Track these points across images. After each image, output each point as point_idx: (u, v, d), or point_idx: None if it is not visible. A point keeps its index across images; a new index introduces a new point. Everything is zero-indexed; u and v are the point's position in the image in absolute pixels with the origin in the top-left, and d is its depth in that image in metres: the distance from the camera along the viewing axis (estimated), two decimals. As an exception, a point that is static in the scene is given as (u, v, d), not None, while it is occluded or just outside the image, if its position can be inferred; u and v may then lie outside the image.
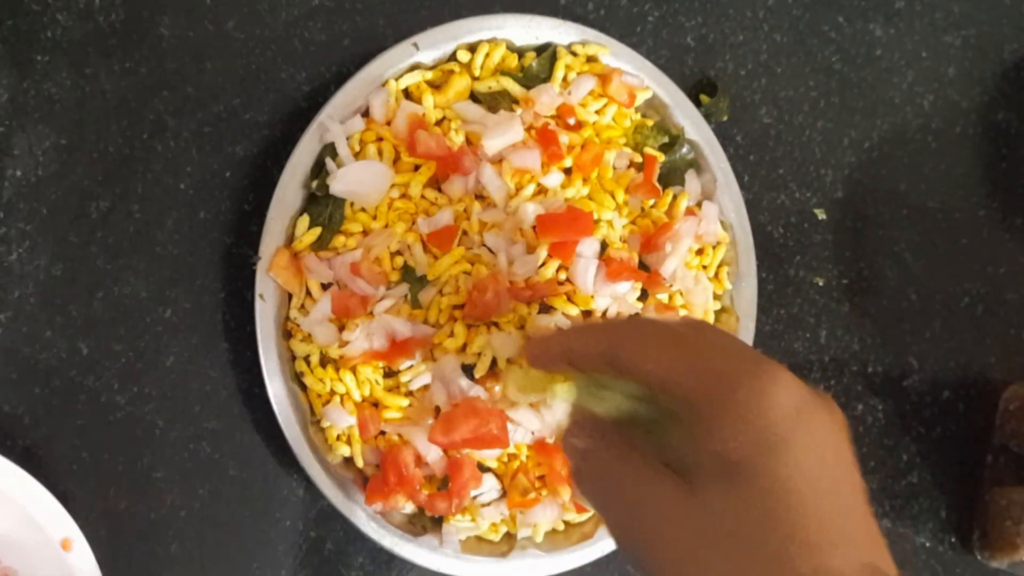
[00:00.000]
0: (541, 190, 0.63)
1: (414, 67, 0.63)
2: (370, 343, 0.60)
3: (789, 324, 0.75)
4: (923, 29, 0.78)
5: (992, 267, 0.79)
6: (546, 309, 0.63)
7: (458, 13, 0.65)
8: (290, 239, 0.61)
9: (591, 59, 0.66)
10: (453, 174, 0.62)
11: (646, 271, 0.65)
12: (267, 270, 0.60)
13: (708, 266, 0.69)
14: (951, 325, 0.78)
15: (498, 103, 0.64)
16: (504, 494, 0.64)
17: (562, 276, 0.63)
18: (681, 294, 0.67)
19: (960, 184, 0.79)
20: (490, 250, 0.62)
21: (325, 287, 0.61)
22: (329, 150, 0.62)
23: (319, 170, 0.62)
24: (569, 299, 0.63)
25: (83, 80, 0.62)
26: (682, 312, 0.67)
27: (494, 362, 0.61)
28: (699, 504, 0.41)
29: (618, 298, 0.64)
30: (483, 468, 0.63)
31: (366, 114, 0.63)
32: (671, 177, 0.68)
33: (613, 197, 0.65)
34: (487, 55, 0.64)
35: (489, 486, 0.64)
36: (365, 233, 0.61)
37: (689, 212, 0.67)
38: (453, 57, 0.64)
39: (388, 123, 0.63)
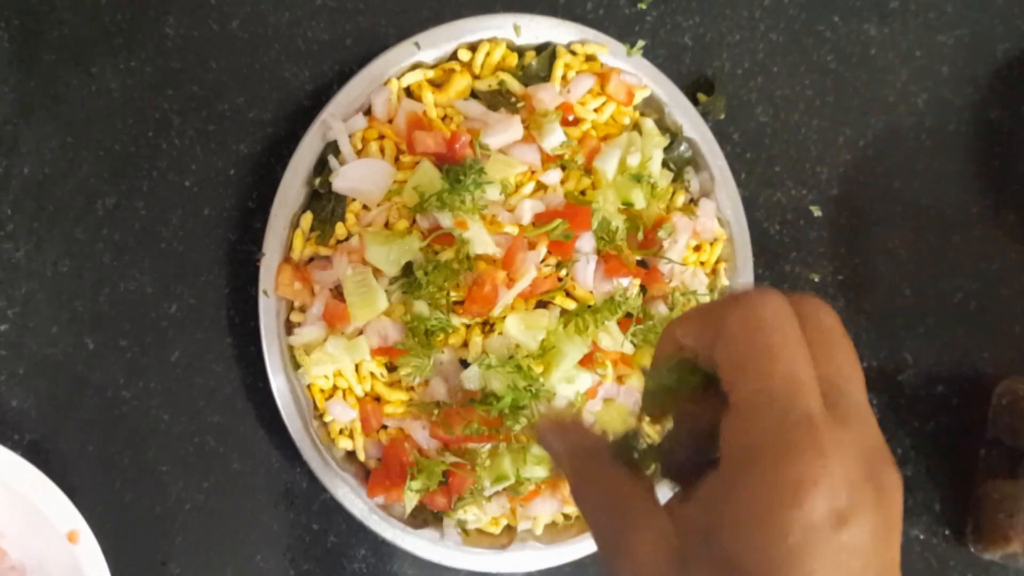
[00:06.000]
0: (540, 187, 0.64)
1: (416, 66, 0.64)
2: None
3: (785, 320, 0.75)
4: (917, 28, 0.79)
5: (985, 263, 0.80)
6: (544, 305, 0.63)
7: (459, 13, 0.66)
8: (290, 244, 0.62)
9: (590, 58, 0.67)
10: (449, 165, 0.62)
11: (644, 267, 0.66)
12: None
13: (705, 262, 0.69)
14: (944, 321, 0.79)
15: (498, 101, 0.64)
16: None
17: (562, 272, 0.64)
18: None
19: (953, 181, 0.79)
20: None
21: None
22: (332, 148, 0.62)
23: (322, 167, 0.62)
24: (568, 295, 0.64)
25: (89, 79, 0.62)
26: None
27: None
28: None
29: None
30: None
31: (368, 112, 0.63)
32: (669, 174, 0.69)
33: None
34: (487, 54, 0.65)
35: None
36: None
37: (687, 209, 0.68)
38: (454, 56, 0.65)
39: (390, 121, 0.63)
